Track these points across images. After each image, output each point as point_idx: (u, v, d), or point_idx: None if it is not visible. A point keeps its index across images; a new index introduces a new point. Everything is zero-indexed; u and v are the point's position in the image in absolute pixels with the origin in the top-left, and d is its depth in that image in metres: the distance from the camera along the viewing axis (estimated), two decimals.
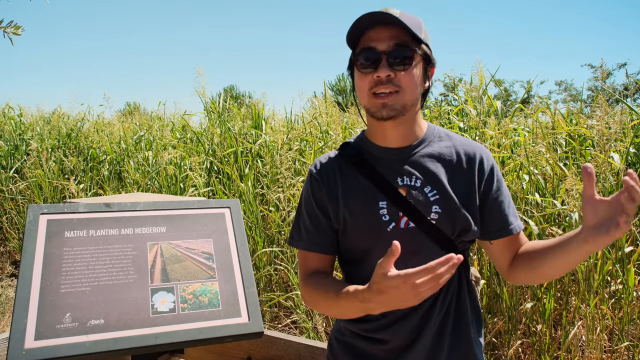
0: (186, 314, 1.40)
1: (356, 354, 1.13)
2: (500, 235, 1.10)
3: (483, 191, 1.09)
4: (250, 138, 4.70)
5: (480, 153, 1.11)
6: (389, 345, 1.09)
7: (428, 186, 1.06)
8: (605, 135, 2.78)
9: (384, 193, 1.07)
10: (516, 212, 1.13)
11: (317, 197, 1.15)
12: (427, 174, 1.07)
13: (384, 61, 1.00)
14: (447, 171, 1.08)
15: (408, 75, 1.02)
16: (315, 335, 2.94)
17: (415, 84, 1.04)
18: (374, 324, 1.10)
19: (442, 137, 1.13)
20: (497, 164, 1.14)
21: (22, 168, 5.66)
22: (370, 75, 1.02)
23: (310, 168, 1.19)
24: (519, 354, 2.72)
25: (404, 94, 1.02)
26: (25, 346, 1.23)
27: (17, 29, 1.63)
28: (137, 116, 7.53)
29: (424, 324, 1.07)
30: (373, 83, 1.02)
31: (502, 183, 1.11)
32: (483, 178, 1.09)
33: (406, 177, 1.08)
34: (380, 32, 1.01)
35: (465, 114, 3.83)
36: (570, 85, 23.64)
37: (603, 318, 2.41)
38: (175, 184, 4.22)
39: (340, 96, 27.17)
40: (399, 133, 1.09)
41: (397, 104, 1.02)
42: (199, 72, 4.77)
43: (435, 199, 1.05)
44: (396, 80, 1.01)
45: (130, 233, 1.51)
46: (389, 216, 1.06)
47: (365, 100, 1.05)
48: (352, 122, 4.73)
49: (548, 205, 2.78)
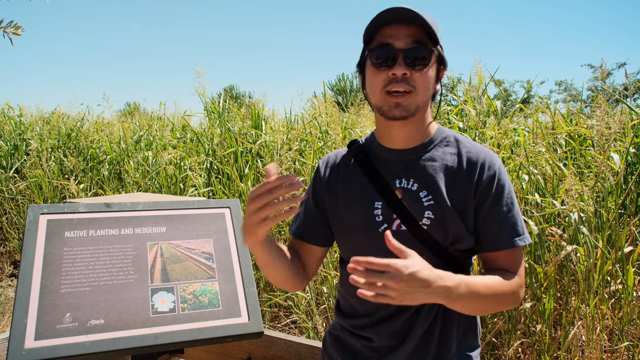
0: (186, 314, 1.40)
1: (345, 348, 1.15)
2: (489, 249, 1.04)
3: (478, 201, 1.03)
4: (250, 138, 4.70)
5: (483, 161, 1.05)
6: (374, 344, 1.10)
7: (424, 191, 1.05)
8: (605, 135, 2.78)
9: (380, 194, 1.06)
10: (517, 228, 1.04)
11: (316, 190, 1.18)
12: (425, 179, 1.05)
13: (400, 59, 0.98)
14: (447, 177, 1.05)
15: (423, 76, 0.99)
16: (315, 335, 2.94)
17: (429, 85, 1.02)
18: (360, 321, 1.12)
19: (449, 142, 1.09)
20: (504, 175, 1.06)
21: (22, 168, 5.66)
22: (385, 72, 0.99)
23: (320, 161, 1.21)
24: (518, 354, 2.72)
25: (417, 95, 1.00)
26: (25, 346, 1.23)
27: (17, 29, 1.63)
28: (137, 116, 7.53)
29: (408, 329, 1.07)
30: (387, 81, 0.99)
31: (503, 194, 1.04)
32: (480, 187, 1.03)
33: (404, 180, 1.07)
34: (398, 29, 0.99)
35: (465, 114, 3.83)
36: (570, 85, 23.67)
37: (603, 318, 2.40)
38: (175, 184, 4.22)
39: (340, 96, 27.18)
40: (405, 134, 1.08)
41: (410, 104, 1.00)
42: (199, 72, 4.77)
43: (430, 204, 1.03)
44: (411, 80, 0.99)
45: (130, 233, 1.51)
46: (382, 217, 1.06)
47: (378, 98, 1.03)
48: (352, 122, 4.73)
49: (548, 205, 2.78)
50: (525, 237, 1.04)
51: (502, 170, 1.06)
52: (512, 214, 1.04)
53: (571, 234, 2.55)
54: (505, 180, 1.05)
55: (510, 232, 1.03)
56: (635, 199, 2.98)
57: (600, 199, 2.68)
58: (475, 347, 1.13)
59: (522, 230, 1.04)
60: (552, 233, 2.64)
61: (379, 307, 1.09)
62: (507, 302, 1.01)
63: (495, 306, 1.00)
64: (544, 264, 2.59)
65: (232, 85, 30.60)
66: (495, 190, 1.03)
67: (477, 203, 1.04)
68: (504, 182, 1.05)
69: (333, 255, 3.12)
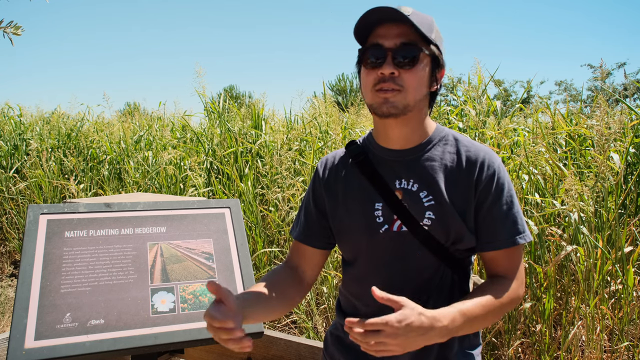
0: (186, 314, 1.40)
1: (347, 348, 1.16)
2: (489, 248, 1.04)
3: (478, 200, 1.04)
4: (250, 138, 4.70)
5: (483, 159, 1.05)
6: None
7: (424, 191, 1.05)
8: (605, 135, 2.78)
9: (380, 194, 1.07)
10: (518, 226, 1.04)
11: (316, 192, 1.18)
12: (425, 179, 1.05)
13: (389, 58, 0.99)
14: (447, 177, 1.05)
15: (412, 75, 1.00)
16: (315, 335, 2.94)
17: (419, 84, 1.02)
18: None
19: (448, 141, 1.09)
20: (504, 173, 1.06)
21: (22, 168, 5.66)
22: (375, 71, 1.01)
23: (318, 163, 1.22)
24: (518, 354, 2.72)
25: (407, 94, 1.01)
26: (25, 346, 1.23)
27: (17, 29, 1.63)
28: (137, 116, 7.53)
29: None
30: (377, 80, 1.01)
31: (503, 193, 1.04)
32: (480, 186, 1.03)
33: (404, 180, 1.07)
34: (389, 29, 1.01)
35: (465, 115, 3.83)
36: (570, 85, 23.67)
37: (603, 318, 2.40)
38: (175, 184, 4.22)
39: (340, 96, 27.19)
40: (401, 134, 1.08)
41: (398, 102, 1.00)
42: (199, 72, 4.77)
43: (430, 204, 1.04)
44: (399, 79, 1.00)
45: (130, 233, 1.51)
46: (382, 218, 1.06)
47: (369, 97, 1.04)
48: (352, 122, 4.73)
49: (547, 205, 2.78)
50: (525, 235, 1.04)
51: (502, 168, 1.06)
52: (513, 212, 1.04)
53: (571, 234, 2.55)
54: (505, 179, 1.05)
55: (511, 230, 1.03)
56: (635, 199, 2.98)
57: (600, 199, 2.68)
58: (476, 345, 1.14)
59: (523, 229, 1.04)
60: (552, 233, 2.64)
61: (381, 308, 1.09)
62: (507, 309, 1.03)
63: (496, 318, 1.02)
64: (544, 264, 2.59)
65: (232, 85, 30.63)
66: (495, 189, 1.04)
67: (477, 202, 1.04)
68: (504, 180, 1.05)
69: (333, 255, 3.12)
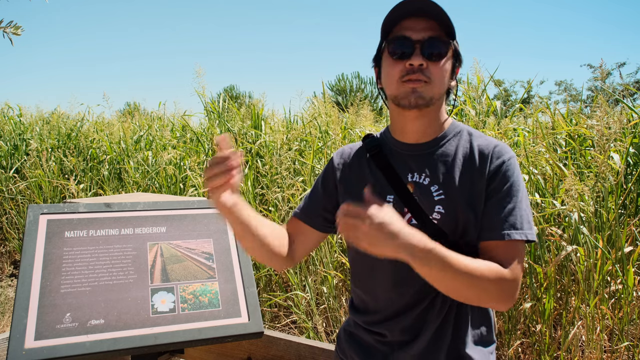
0: (186, 314, 1.40)
1: (359, 343, 1.17)
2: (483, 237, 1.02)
3: (488, 193, 1.03)
4: (250, 138, 4.70)
5: (494, 151, 1.04)
6: (386, 339, 1.11)
7: (435, 185, 1.06)
8: (605, 135, 2.78)
9: (392, 187, 1.08)
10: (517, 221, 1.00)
11: (327, 178, 1.21)
12: (437, 173, 1.07)
13: (417, 50, 1.00)
14: (459, 171, 1.05)
15: (439, 68, 1.02)
16: (315, 335, 2.94)
17: (445, 78, 1.04)
18: (372, 317, 1.14)
19: (462, 136, 1.10)
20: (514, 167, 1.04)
21: (22, 168, 5.66)
22: (402, 63, 1.02)
23: (334, 153, 1.24)
24: (518, 354, 2.72)
25: (433, 86, 1.02)
26: (25, 346, 1.23)
27: (17, 29, 1.63)
28: (137, 116, 7.52)
29: (420, 325, 1.07)
30: (404, 71, 1.02)
31: (507, 185, 1.02)
32: (489, 176, 1.03)
33: (416, 174, 1.08)
34: (416, 22, 1.02)
35: (465, 114, 3.83)
36: (570, 85, 23.70)
37: (603, 318, 2.40)
38: (175, 184, 4.22)
39: (339, 96, 27.18)
40: (419, 127, 1.09)
41: (426, 93, 1.02)
42: (198, 72, 4.78)
43: (440, 198, 1.04)
44: (427, 71, 1.01)
45: (130, 233, 1.51)
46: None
47: (394, 88, 1.04)
48: (352, 122, 4.73)
49: (548, 205, 2.78)
50: (524, 232, 0.99)
51: (513, 162, 1.04)
52: (515, 206, 1.01)
53: (571, 234, 2.55)
54: (514, 173, 1.03)
55: (509, 224, 1.00)
56: (635, 199, 2.98)
57: (600, 199, 2.67)
58: (491, 342, 1.12)
59: (522, 225, 1.00)
60: (552, 233, 2.64)
61: (391, 303, 1.11)
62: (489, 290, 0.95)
63: (472, 290, 0.94)
64: (544, 264, 2.59)
65: (232, 85, 30.59)
66: (500, 179, 1.02)
67: (486, 195, 1.03)
68: (512, 173, 1.03)
69: (333, 255, 3.12)
